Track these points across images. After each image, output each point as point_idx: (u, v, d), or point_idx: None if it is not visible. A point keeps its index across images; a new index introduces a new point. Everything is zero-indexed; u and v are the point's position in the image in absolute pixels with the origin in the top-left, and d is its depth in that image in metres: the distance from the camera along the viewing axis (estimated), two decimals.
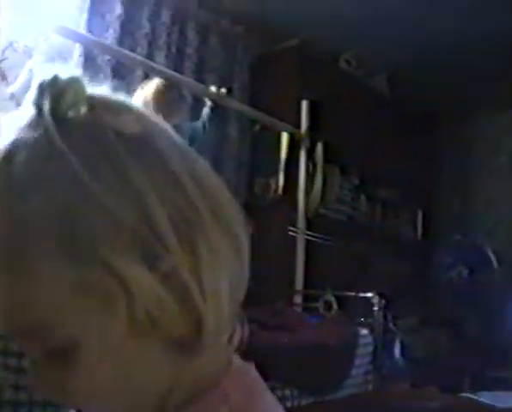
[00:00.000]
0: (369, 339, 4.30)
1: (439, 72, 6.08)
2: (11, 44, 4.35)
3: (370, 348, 4.28)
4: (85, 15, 4.60)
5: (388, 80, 6.41)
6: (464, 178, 7.27)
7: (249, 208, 5.41)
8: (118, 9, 4.77)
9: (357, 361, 4.12)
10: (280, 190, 5.26)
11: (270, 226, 5.19)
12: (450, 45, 5.54)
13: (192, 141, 4.14)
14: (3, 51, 4.22)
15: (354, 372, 4.08)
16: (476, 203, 7.14)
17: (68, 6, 4.62)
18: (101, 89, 0.68)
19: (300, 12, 5.24)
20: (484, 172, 7.12)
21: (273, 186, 5.29)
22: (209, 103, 4.35)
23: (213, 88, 4.45)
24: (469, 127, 7.31)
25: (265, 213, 5.27)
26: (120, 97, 0.69)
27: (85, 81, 0.65)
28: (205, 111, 4.31)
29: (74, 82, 0.63)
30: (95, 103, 0.64)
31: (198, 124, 4.31)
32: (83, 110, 0.63)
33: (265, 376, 2.54)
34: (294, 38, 5.48)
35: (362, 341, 4.23)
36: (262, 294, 4.74)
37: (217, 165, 5.30)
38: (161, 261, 0.60)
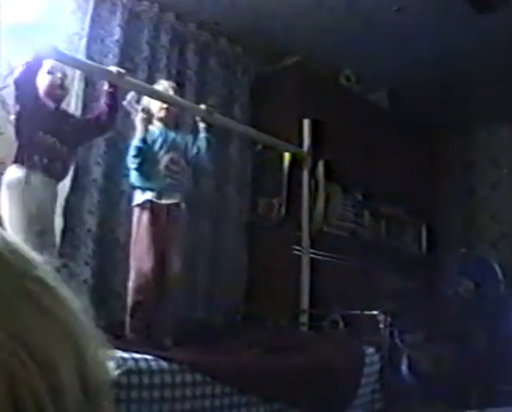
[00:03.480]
0: (376, 357, 4.28)
1: (439, 86, 6.09)
2: (12, 71, 4.37)
3: (377, 367, 4.26)
4: (84, 41, 4.63)
5: (389, 95, 6.41)
6: (467, 192, 7.27)
7: (253, 228, 5.45)
8: (118, 34, 4.80)
9: (364, 380, 4.10)
10: (283, 210, 5.25)
11: (274, 245, 5.20)
12: (451, 60, 5.55)
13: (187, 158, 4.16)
14: (5, 78, 4.24)
15: (361, 391, 4.06)
16: (480, 217, 7.14)
17: (67, 32, 4.65)
18: None
19: (298, 30, 5.26)
20: (487, 185, 7.13)
21: (276, 206, 5.29)
22: (202, 125, 4.24)
23: (202, 106, 4.36)
24: (470, 141, 7.33)
25: (268, 233, 5.28)
26: None
27: None
28: (201, 134, 4.19)
29: None
30: None
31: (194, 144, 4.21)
32: None
33: (273, 398, 2.53)
34: (293, 56, 5.49)
35: (368, 359, 4.21)
36: (267, 315, 4.76)
37: (220, 186, 5.31)
38: None
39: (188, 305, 4.66)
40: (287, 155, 5.27)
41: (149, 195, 3.92)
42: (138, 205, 3.95)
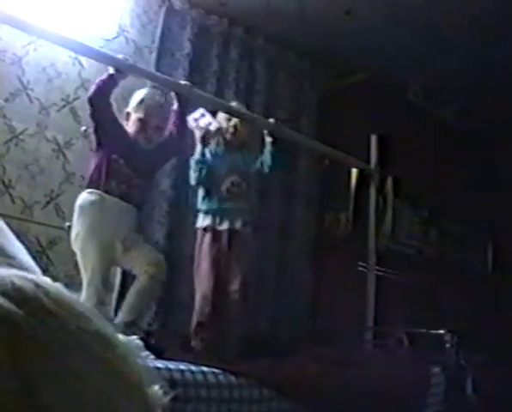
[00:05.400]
0: (441, 377, 4.21)
1: (508, 104, 5.98)
2: (83, 82, 4.46)
3: (442, 387, 4.18)
4: (154, 54, 4.71)
5: (456, 112, 6.33)
6: None
7: (319, 243, 5.44)
8: (187, 48, 4.86)
9: (429, 401, 4.04)
10: (350, 226, 5.23)
11: (340, 261, 5.17)
12: None
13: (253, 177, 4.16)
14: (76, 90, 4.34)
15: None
16: None
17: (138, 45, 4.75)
18: None
19: (367, 46, 5.24)
20: None
21: (343, 221, 5.28)
22: (269, 139, 4.21)
23: (271, 120, 4.35)
24: None
25: (334, 248, 5.26)
26: None
27: None
28: (267, 148, 4.18)
29: None
30: None
31: (261, 161, 4.19)
32: None
33: None
34: (361, 71, 5.47)
35: (434, 380, 4.15)
36: (332, 331, 4.74)
37: (287, 200, 5.31)
38: None
39: (253, 319, 4.66)
40: (354, 171, 5.26)
41: (209, 219, 3.97)
42: (200, 228, 4.01)
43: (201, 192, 4.05)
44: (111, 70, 3.62)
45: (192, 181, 4.01)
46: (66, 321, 0.55)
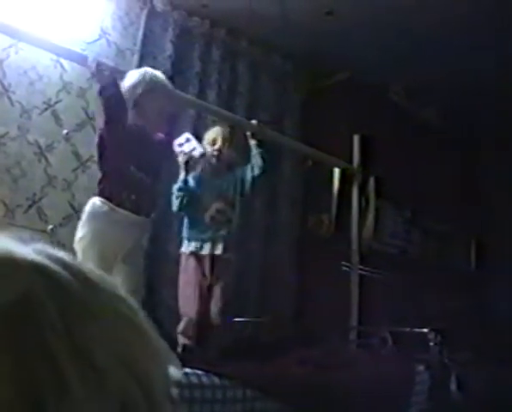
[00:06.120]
0: (426, 376, 4.22)
1: (490, 103, 6.00)
2: (65, 85, 4.45)
3: (426, 385, 4.20)
4: (136, 56, 4.70)
5: (438, 111, 6.36)
6: None
7: (303, 244, 5.44)
8: (169, 49, 4.85)
9: (414, 399, 4.05)
10: (333, 226, 5.24)
11: (323, 261, 5.18)
12: (502, 77, 5.47)
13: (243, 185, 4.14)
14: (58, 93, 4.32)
15: (410, 411, 4.01)
16: None
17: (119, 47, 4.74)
18: None
19: (349, 46, 5.25)
20: None
21: (326, 222, 5.28)
22: (253, 142, 4.16)
23: (254, 122, 4.32)
24: None
25: (318, 249, 5.26)
26: None
27: None
28: (253, 151, 4.13)
29: None
30: None
31: (251, 166, 4.14)
32: None
33: None
34: (344, 72, 5.49)
35: (418, 378, 4.16)
36: (316, 331, 4.74)
37: (271, 202, 5.31)
38: None
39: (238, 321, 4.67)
40: (337, 171, 5.27)
41: (193, 245, 3.99)
42: (184, 253, 4.03)
43: (186, 219, 4.07)
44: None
45: (174, 207, 4.02)
46: (100, 284, 0.60)
